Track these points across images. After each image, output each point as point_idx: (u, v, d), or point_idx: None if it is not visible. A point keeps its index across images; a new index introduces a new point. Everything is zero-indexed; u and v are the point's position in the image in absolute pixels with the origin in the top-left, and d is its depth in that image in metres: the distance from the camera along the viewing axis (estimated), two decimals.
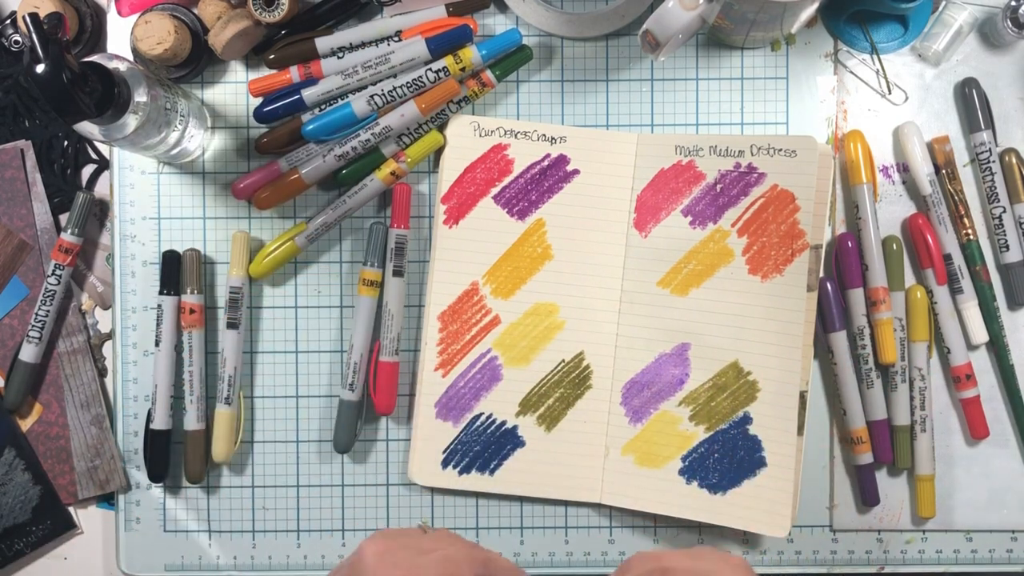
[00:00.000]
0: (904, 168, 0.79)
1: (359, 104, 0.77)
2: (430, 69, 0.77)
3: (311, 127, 0.77)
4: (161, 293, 0.80)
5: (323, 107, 0.78)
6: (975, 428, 0.79)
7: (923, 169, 0.78)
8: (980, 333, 0.79)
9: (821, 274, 0.77)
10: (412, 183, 0.80)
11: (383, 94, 0.77)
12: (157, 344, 0.79)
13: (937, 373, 0.80)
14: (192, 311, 0.79)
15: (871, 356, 0.79)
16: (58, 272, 0.80)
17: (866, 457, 0.79)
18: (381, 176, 0.78)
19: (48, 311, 0.80)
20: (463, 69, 0.77)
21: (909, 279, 0.80)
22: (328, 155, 0.78)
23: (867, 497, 0.79)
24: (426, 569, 0.58)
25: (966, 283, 0.79)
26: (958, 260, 0.79)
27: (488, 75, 0.78)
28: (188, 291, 0.79)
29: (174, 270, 0.79)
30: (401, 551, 0.60)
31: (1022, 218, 0.79)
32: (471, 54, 0.77)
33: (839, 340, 0.78)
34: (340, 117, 0.77)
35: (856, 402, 0.79)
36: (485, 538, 0.81)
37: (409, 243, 0.80)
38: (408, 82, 0.77)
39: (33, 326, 0.80)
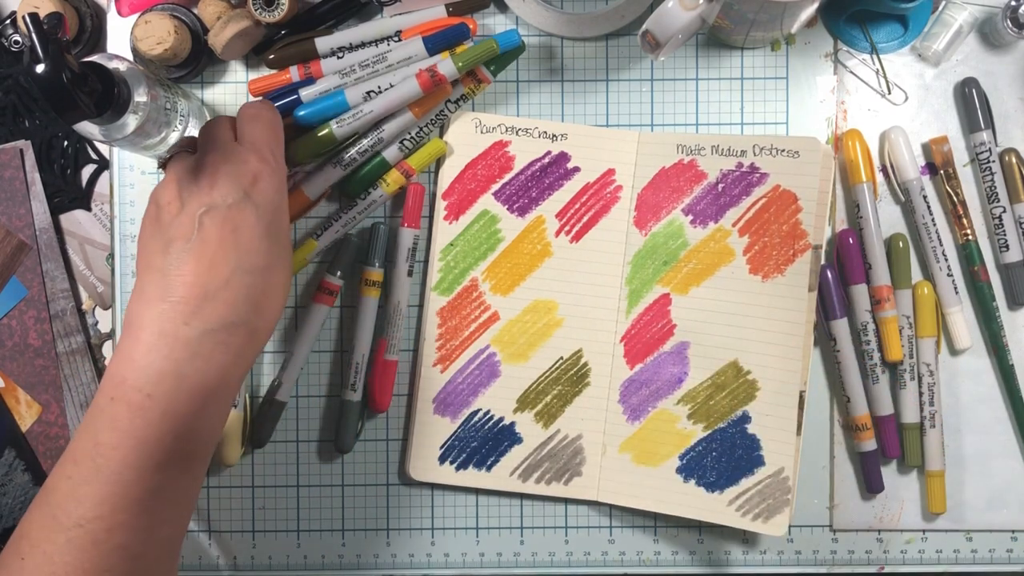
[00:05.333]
0: (894, 170, 0.79)
1: (352, 93, 0.77)
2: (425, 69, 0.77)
3: (304, 112, 0.77)
4: None
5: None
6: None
7: (909, 174, 0.78)
8: (964, 338, 0.79)
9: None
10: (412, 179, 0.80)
11: (379, 90, 0.77)
12: None
13: (944, 370, 0.80)
14: None
15: (876, 352, 0.79)
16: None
17: (869, 444, 0.79)
18: (388, 190, 0.79)
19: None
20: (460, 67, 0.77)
21: (916, 275, 0.80)
22: (330, 167, 0.78)
23: (871, 484, 0.79)
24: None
25: (946, 290, 0.79)
26: (952, 262, 0.79)
27: (483, 71, 0.78)
28: None
29: None
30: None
31: (1022, 218, 0.79)
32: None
33: (841, 327, 0.78)
34: (333, 104, 0.77)
35: (860, 389, 0.79)
36: (485, 538, 0.81)
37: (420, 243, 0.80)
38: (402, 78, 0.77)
39: None
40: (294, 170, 0.78)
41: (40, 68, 0.61)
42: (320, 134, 0.77)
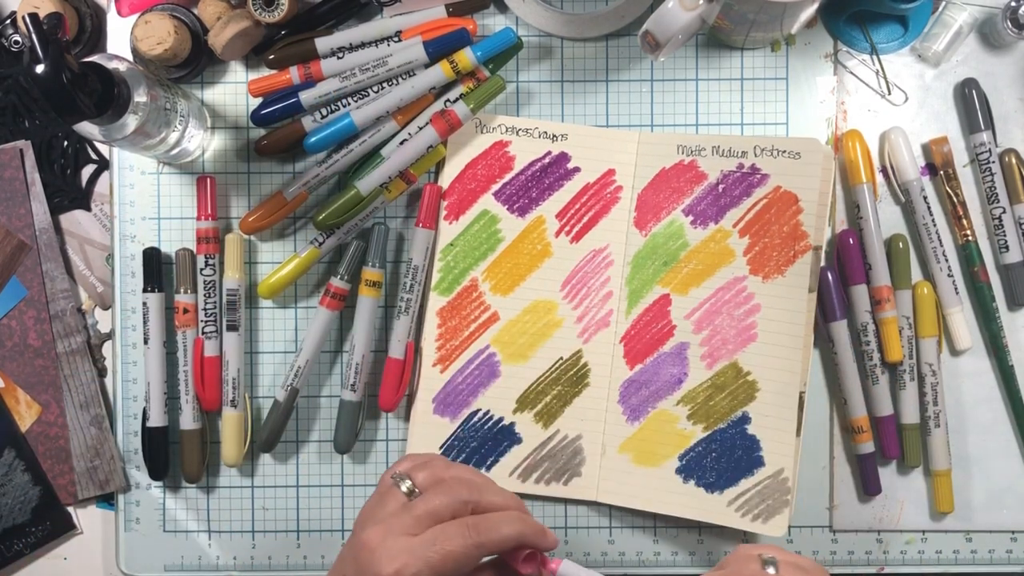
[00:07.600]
0: (894, 170, 0.79)
1: (358, 115, 0.77)
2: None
3: (313, 140, 0.77)
4: (145, 291, 0.79)
5: (320, 110, 0.78)
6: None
7: (909, 174, 0.78)
8: (964, 339, 0.79)
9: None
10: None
11: (387, 115, 0.77)
12: (146, 342, 0.79)
13: (944, 370, 0.80)
14: (186, 311, 0.79)
15: (876, 353, 0.79)
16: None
17: (867, 447, 0.79)
18: (390, 196, 0.79)
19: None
20: (459, 72, 0.77)
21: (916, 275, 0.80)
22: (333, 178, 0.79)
23: (868, 487, 0.79)
24: (425, 548, 0.61)
25: (946, 290, 0.79)
26: (952, 262, 0.79)
27: (483, 72, 0.78)
28: (181, 291, 0.79)
29: (155, 267, 0.79)
30: (401, 538, 0.62)
31: (1022, 218, 0.79)
32: (467, 58, 0.77)
33: (840, 330, 0.78)
34: (341, 128, 0.77)
35: (857, 391, 0.79)
36: None
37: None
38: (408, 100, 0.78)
39: None
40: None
41: (40, 68, 0.61)
42: (347, 196, 0.77)
